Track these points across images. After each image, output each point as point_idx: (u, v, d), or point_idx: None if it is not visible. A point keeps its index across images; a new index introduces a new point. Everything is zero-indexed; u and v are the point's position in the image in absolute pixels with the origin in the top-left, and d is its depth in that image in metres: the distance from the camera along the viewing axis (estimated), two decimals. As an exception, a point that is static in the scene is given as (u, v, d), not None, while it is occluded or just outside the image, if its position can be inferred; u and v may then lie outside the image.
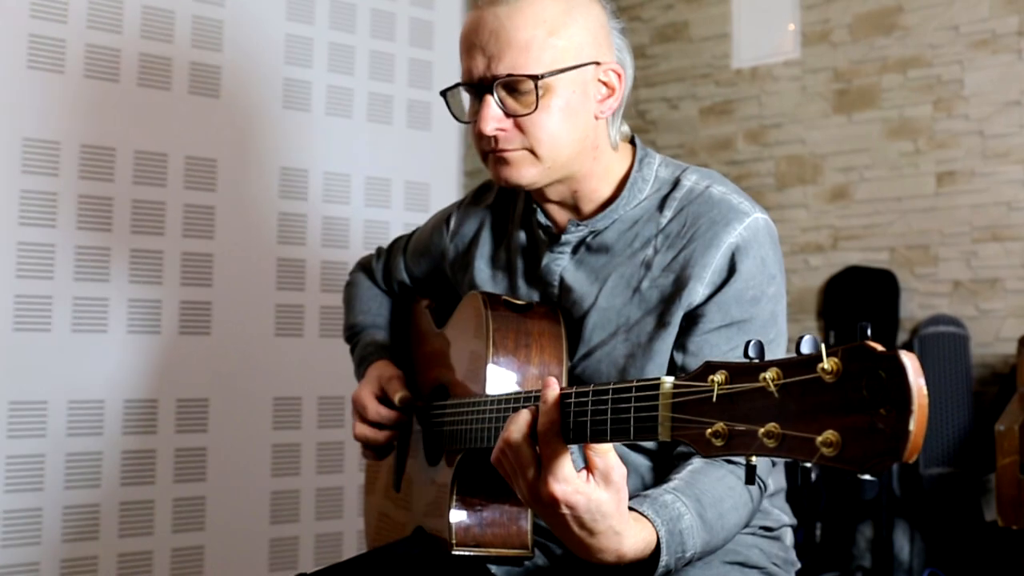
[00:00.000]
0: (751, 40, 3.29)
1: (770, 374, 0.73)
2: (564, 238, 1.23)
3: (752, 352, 0.76)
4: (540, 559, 1.25)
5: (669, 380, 0.83)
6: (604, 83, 1.19)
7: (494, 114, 1.15)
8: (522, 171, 1.18)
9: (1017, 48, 2.75)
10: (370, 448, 1.43)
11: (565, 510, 0.90)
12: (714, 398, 0.77)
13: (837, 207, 3.05)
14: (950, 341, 2.74)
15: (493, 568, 1.24)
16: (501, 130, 1.16)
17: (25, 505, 2.12)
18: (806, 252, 3.11)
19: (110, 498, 2.23)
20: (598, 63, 1.18)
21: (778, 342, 1.17)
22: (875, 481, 2.59)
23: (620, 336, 1.18)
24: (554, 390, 0.92)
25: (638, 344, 1.17)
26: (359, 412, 1.41)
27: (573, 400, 0.92)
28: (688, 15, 3.42)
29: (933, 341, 2.75)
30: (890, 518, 2.72)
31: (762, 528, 1.26)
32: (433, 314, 1.43)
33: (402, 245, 1.55)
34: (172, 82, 2.32)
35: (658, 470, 1.18)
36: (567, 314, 1.23)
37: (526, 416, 0.94)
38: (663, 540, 0.96)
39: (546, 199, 1.24)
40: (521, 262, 1.29)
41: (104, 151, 2.24)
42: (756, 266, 1.14)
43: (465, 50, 1.19)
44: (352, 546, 2.55)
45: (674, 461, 1.14)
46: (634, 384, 0.87)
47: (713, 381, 0.77)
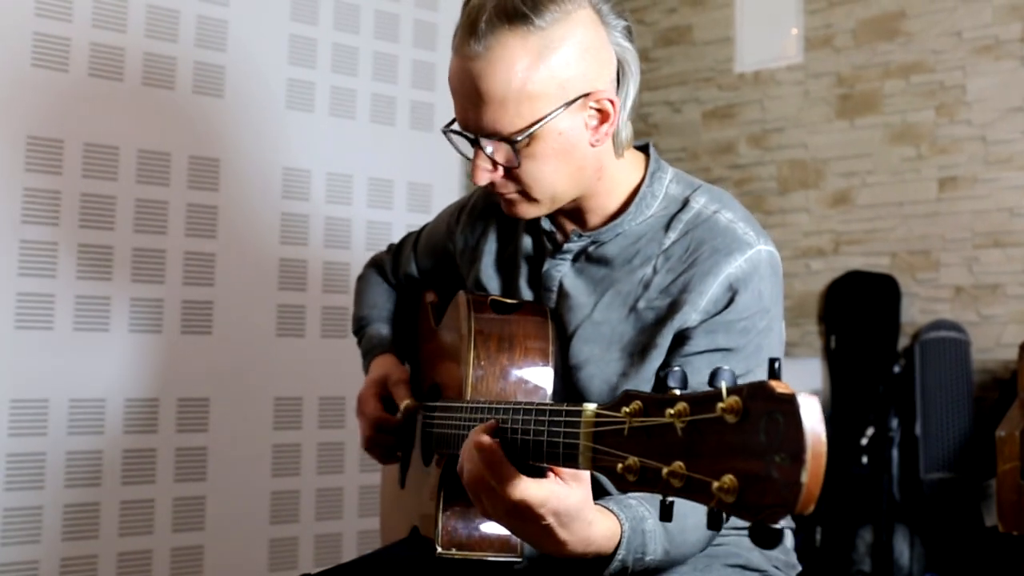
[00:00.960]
0: (754, 44, 3.30)
1: (677, 408, 0.68)
2: (566, 246, 1.23)
3: (672, 382, 0.72)
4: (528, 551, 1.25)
5: (591, 407, 0.79)
6: (597, 110, 1.12)
7: (484, 166, 1.13)
8: (523, 209, 1.18)
9: (1020, 54, 2.76)
10: (377, 450, 1.44)
11: (543, 511, 0.89)
12: (626, 431, 0.73)
13: (839, 212, 3.05)
14: (951, 346, 2.74)
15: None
16: (492, 180, 1.14)
17: (25, 503, 2.12)
18: (807, 256, 3.11)
19: (110, 497, 2.23)
20: (587, 94, 1.10)
21: (758, 376, 1.16)
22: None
23: (614, 352, 1.17)
24: (486, 439, 0.92)
25: (631, 363, 1.16)
26: (363, 416, 1.41)
27: (520, 418, 0.91)
28: (691, 19, 3.43)
29: (934, 346, 2.75)
30: (890, 523, 2.72)
31: (762, 532, 1.26)
32: (434, 310, 1.44)
33: (413, 239, 1.55)
34: (176, 81, 2.33)
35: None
36: (562, 320, 1.22)
37: (469, 446, 0.93)
38: (625, 535, 0.96)
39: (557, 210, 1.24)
40: (524, 265, 1.29)
41: (107, 150, 2.24)
42: (752, 299, 1.13)
43: (453, 95, 1.14)
44: (352, 547, 2.55)
45: None
46: (564, 408, 0.84)
47: (625, 412, 0.73)
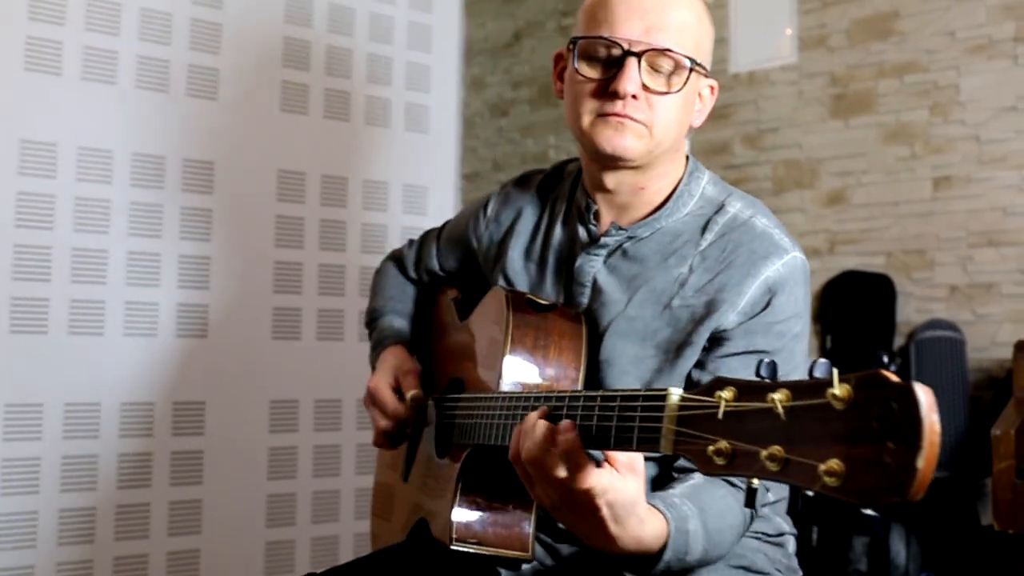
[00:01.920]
0: (748, 45, 3.30)
1: (779, 395, 0.70)
2: (603, 240, 1.23)
3: (764, 372, 0.75)
4: (547, 559, 1.25)
5: (677, 392, 0.81)
6: (700, 95, 1.23)
7: (636, 78, 1.15)
8: (634, 142, 1.17)
9: (1013, 54, 2.76)
10: (385, 438, 1.43)
11: (600, 502, 0.89)
12: (720, 415, 0.74)
13: (834, 212, 3.06)
14: (946, 345, 2.74)
15: (502, 570, 1.24)
16: (635, 97, 1.15)
17: (20, 508, 2.12)
18: (803, 256, 3.11)
19: (106, 501, 2.22)
20: (708, 74, 1.22)
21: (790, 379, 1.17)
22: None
23: (648, 349, 1.18)
24: (566, 423, 0.91)
25: (665, 360, 1.17)
26: (379, 406, 1.40)
27: (581, 404, 0.91)
28: (685, 20, 3.43)
29: (929, 345, 2.76)
30: (886, 523, 2.72)
31: (764, 534, 1.26)
32: (457, 307, 1.43)
33: (436, 233, 1.55)
34: (170, 84, 2.32)
35: (657, 480, 1.19)
36: (594, 315, 1.22)
37: (542, 430, 0.92)
38: (671, 535, 0.96)
39: (605, 189, 1.23)
40: (555, 258, 1.29)
41: (101, 153, 2.23)
42: (788, 303, 1.15)
43: (617, 9, 1.16)
44: (348, 549, 2.55)
45: (672, 474, 1.14)
46: (641, 393, 0.85)
47: (720, 397, 0.75)
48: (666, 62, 1.15)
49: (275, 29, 2.48)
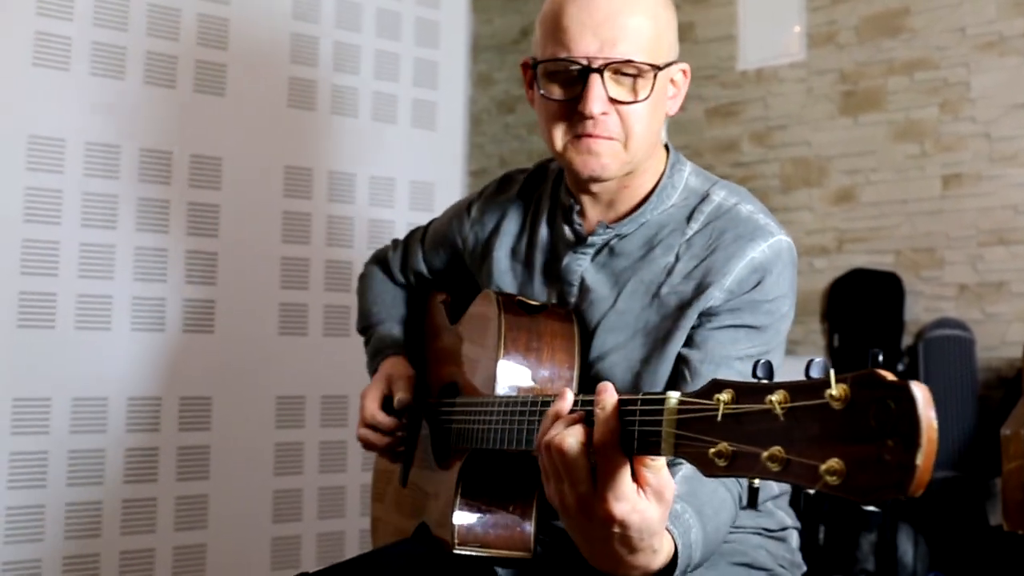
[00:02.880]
0: (757, 42, 3.29)
1: (777, 396, 0.71)
2: (591, 239, 1.23)
3: (760, 372, 0.75)
4: (548, 558, 1.25)
5: (675, 395, 0.81)
6: (673, 81, 1.22)
7: (601, 95, 1.14)
8: (609, 161, 1.17)
9: (1024, 51, 2.75)
10: (370, 446, 1.43)
11: (617, 529, 0.85)
12: (719, 417, 0.75)
13: (842, 209, 3.04)
14: (955, 345, 2.73)
15: (499, 570, 1.23)
16: (604, 114, 1.15)
17: (28, 502, 2.12)
18: (811, 255, 3.10)
19: (113, 495, 2.23)
20: (676, 61, 1.21)
21: (775, 360, 1.17)
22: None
23: (638, 339, 1.18)
24: (612, 396, 0.86)
25: (653, 348, 1.17)
26: (360, 415, 1.41)
27: (579, 408, 0.90)
28: (694, 16, 3.42)
29: (938, 344, 2.74)
30: (894, 522, 2.71)
31: (766, 530, 1.26)
32: (448, 309, 1.43)
33: (420, 235, 1.54)
34: (177, 80, 2.32)
35: None
36: (584, 315, 1.22)
37: (581, 426, 0.88)
38: (679, 553, 0.94)
39: (588, 192, 1.23)
40: (541, 258, 1.29)
41: (109, 148, 2.24)
42: (776, 283, 1.15)
43: (570, 27, 1.14)
44: (354, 545, 2.55)
45: None
46: (639, 397, 0.85)
47: (719, 400, 0.75)
48: (629, 70, 1.14)
49: (283, 25, 2.48)
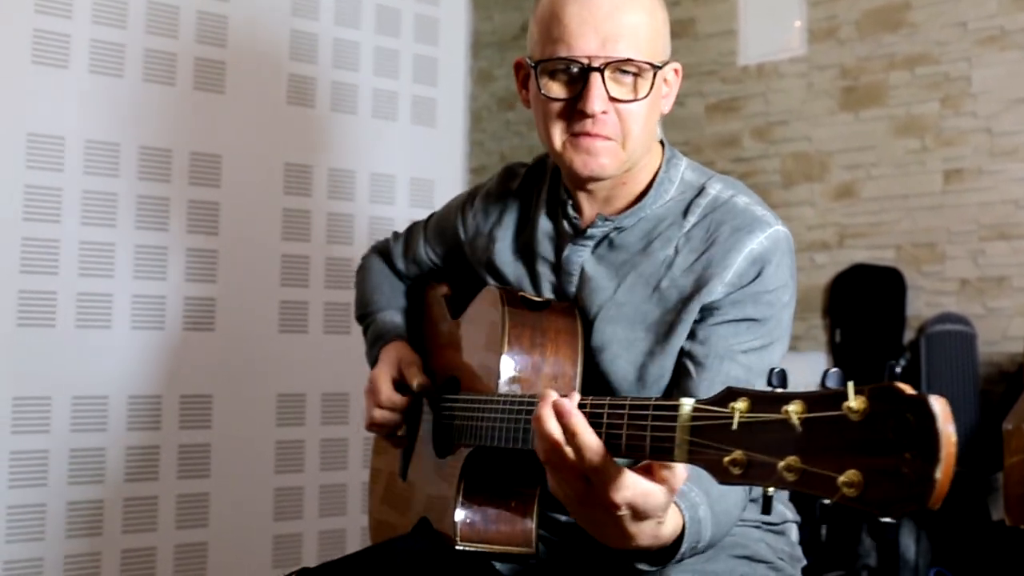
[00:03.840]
0: (758, 37, 3.28)
1: (793, 407, 0.71)
2: (590, 231, 1.23)
3: (775, 381, 0.75)
4: (550, 554, 1.25)
5: (689, 403, 0.81)
6: (666, 81, 1.22)
7: (602, 94, 1.14)
8: (608, 159, 1.17)
9: (1025, 45, 2.74)
10: (381, 429, 1.42)
11: (625, 511, 0.86)
12: (734, 426, 0.75)
13: (843, 205, 3.04)
14: (957, 339, 2.72)
15: (497, 564, 1.23)
16: (604, 112, 1.15)
17: (29, 501, 2.12)
18: (812, 250, 3.09)
19: (114, 494, 2.22)
20: (670, 60, 1.21)
21: (780, 349, 1.18)
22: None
23: (639, 332, 1.18)
24: (590, 437, 0.85)
25: (656, 342, 1.17)
26: (373, 395, 1.40)
27: (588, 411, 0.89)
28: (695, 11, 3.41)
29: (940, 339, 2.74)
30: (896, 517, 2.70)
31: (766, 523, 1.26)
32: (448, 303, 1.43)
33: (422, 226, 1.54)
34: (177, 77, 2.32)
35: None
36: (584, 303, 1.22)
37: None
38: (686, 526, 0.95)
39: (584, 189, 1.24)
40: (542, 250, 1.29)
41: (109, 147, 2.23)
42: (776, 273, 1.15)
43: (570, 25, 1.14)
44: (356, 543, 2.55)
45: None
46: (652, 403, 0.85)
47: (734, 408, 0.75)
48: (629, 68, 1.14)
49: (282, 22, 2.48)
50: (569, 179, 1.25)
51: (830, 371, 0.72)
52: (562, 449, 0.87)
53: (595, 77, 1.13)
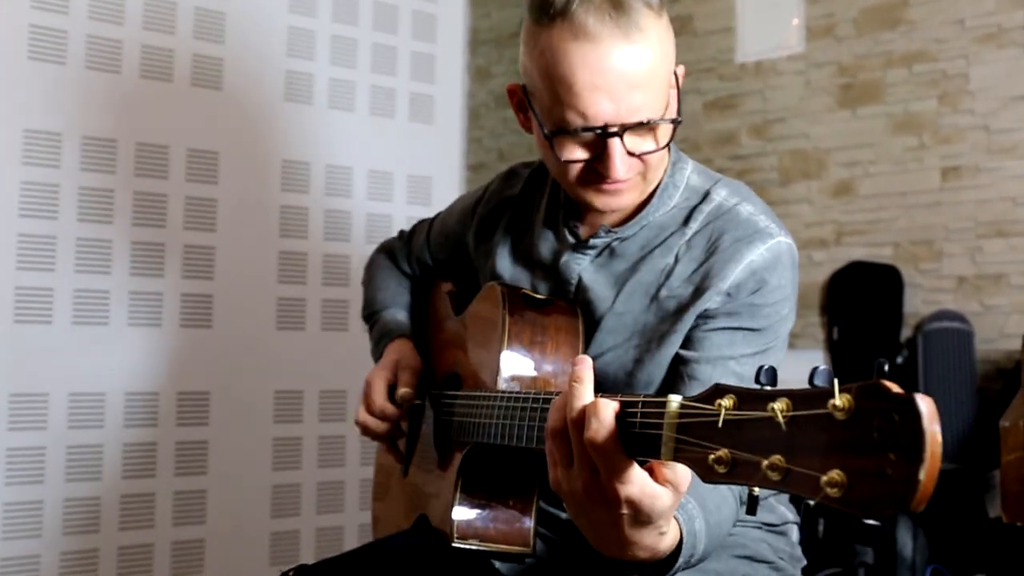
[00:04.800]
0: (755, 34, 3.28)
1: (779, 404, 0.70)
2: (592, 242, 1.22)
3: (764, 379, 0.74)
4: (539, 546, 1.24)
5: (676, 399, 0.80)
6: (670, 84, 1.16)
7: (623, 158, 1.09)
8: (630, 197, 1.16)
9: (1023, 42, 2.74)
10: (370, 434, 1.42)
11: (625, 510, 0.84)
12: (720, 423, 0.74)
13: (841, 202, 3.04)
14: (954, 337, 2.73)
15: (496, 563, 1.23)
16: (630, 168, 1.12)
17: (26, 498, 2.12)
18: (809, 247, 3.10)
19: (111, 491, 2.22)
20: (675, 67, 1.15)
21: (774, 360, 1.16)
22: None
23: (633, 341, 1.17)
24: (609, 405, 0.83)
25: (647, 350, 1.16)
26: (365, 400, 1.40)
27: None
28: (692, 8, 3.41)
29: (937, 337, 2.74)
30: (892, 515, 2.71)
31: (767, 524, 1.25)
32: (452, 300, 1.42)
33: (427, 225, 1.53)
34: (174, 74, 2.31)
35: None
36: (583, 315, 1.21)
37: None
38: (683, 539, 0.94)
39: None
40: (541, 257, 1.28)
41: (105, 143, 2.23)
42: (775, 287, 1.14)
43: (581, 94, 1.07)
44: (353, 540, 2.55)
45: None
46: (640, 399, 0.84)
47: (720, 405, 0.74)
48: (653, 125, 1.10)
49: (279, 18, 2.47)
50: (582, 206, 1.23)
51: (818, 368, 0.70)
52: (583, 421, 0.83)
53: (614, 143, 1.08)
